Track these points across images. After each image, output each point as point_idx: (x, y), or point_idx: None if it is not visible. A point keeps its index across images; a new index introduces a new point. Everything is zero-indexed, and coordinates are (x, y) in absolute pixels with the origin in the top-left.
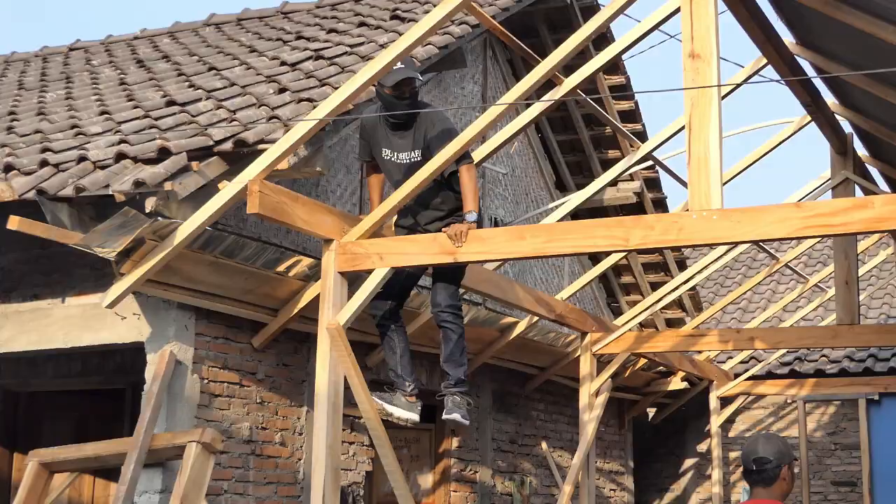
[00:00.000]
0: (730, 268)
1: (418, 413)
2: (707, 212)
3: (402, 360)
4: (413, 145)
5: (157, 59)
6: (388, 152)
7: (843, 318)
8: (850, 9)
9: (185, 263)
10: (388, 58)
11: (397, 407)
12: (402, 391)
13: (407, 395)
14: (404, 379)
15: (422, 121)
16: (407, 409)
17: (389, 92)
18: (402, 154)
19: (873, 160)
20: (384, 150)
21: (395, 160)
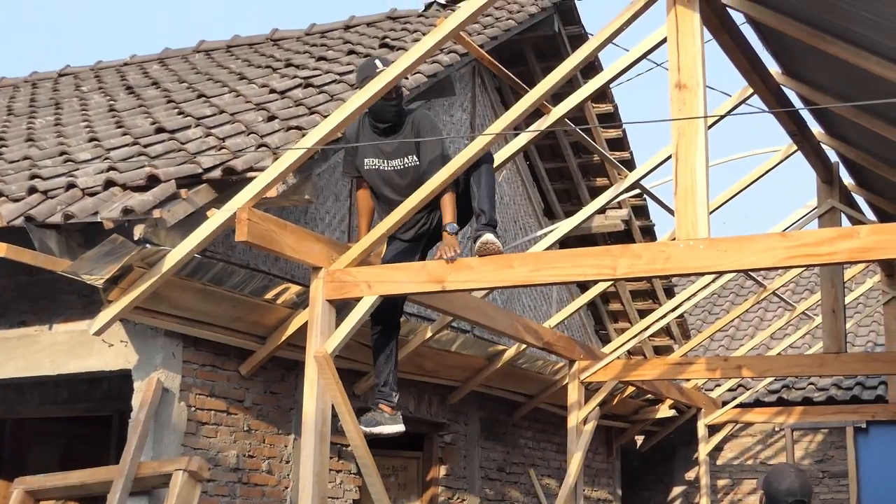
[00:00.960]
0: (718, 295)
1: (401, 421)
2: (694, 241)
3: (395, 371)
4: (406, 149)
5: (147, 85)
6: (375, 162)
7: (830, 347)
8: (833, 40)
9: (172, 291)
10: (377, 86)
11: (384, 425)
12: (388, 402)
13: (390, 408)
14: (392, 389)
15: (413, 122)
16: (392, 422)
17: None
18: (392, 161)
19: (859, 189)
20: (370, 160)
21: (384, 168)
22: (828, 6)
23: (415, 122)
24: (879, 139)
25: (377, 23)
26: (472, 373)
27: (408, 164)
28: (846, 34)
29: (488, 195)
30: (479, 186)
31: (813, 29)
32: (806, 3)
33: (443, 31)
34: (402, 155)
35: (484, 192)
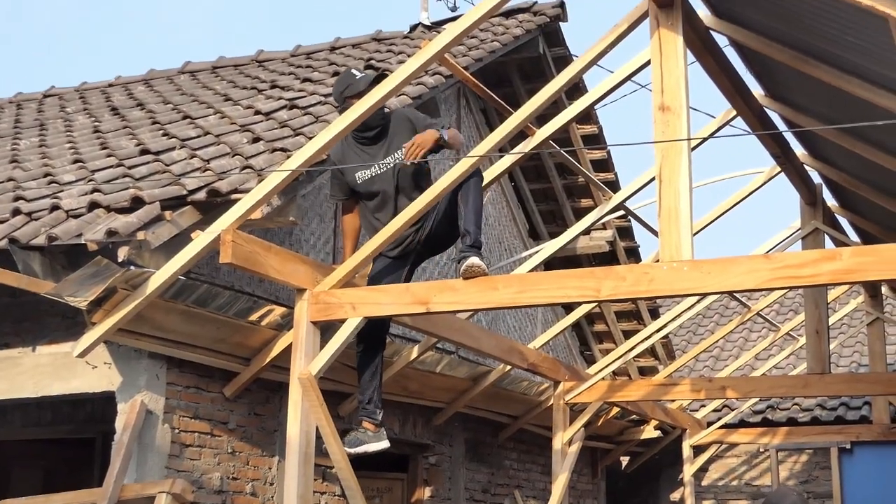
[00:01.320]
0: (702, 316)
1: (386, 437)
2: (678, 263)
3: (380, 388)
4: (387, 149)
5: (132, 106)
6: (367, 172)
7: (814, 368)
8: (817, 63)
9: (156, 312)
10: (361, 108)
11: (368, 443)
12: (371, 419)
13: (373, 425)
14: (376, 407)
15: (396, 121)
16: (376, 439)
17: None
18: (386, 159)
19: (843, 210)
20: (362, 173)
21: (376, 175)
22: (811, 30)
23: (398, 117)
24: (862, 161)
25: (362, 44)
26: (457, 394)
27: (396, 160)
28: (830, 58)
29: (475, 215)
30: (467, 205)
31: (796, 52)
32: (789, 26)
33: (427, 54)
34: (393, 151)
35: (471, 211)
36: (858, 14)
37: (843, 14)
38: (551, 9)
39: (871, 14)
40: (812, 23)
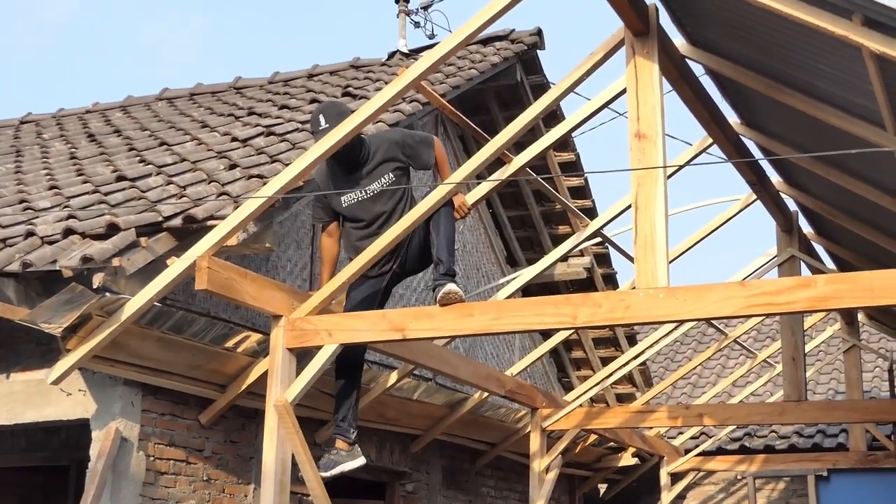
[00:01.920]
0: (680, 342)
1: (361, 454)
2: (654, 290)
3: (356, 407)
4: (379, 173)
5: (109, 133)
6: (351, 198)
7: (791, 395)
8: (792, 91)
9: (132, 339)
10: (338, 135)
11: (343, 463)
12: (345, 438)
13: (347, 443)
14: (350, 425)
15: (381, 144)
16: (350, 458)
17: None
18: (372, 185)
19: (819, 238)
20: (346, 198)
21: (360, 199)
22: (786, 59)
23: (383, 140)
24: (837, 189)
25: (340, 71)
26: (434, 421)
27: (382, 183)
28: (804, 86)
29: (447, 244)
30: (438, 234)
31: (771, 81)
32: (764, 55)
33: (404, 81)
34: (378, 177)
35: (443, 239)
36: (832, 43)
37: (817, 43)
38: (529, 37)
39: (844, 43)
40: (786, 52)
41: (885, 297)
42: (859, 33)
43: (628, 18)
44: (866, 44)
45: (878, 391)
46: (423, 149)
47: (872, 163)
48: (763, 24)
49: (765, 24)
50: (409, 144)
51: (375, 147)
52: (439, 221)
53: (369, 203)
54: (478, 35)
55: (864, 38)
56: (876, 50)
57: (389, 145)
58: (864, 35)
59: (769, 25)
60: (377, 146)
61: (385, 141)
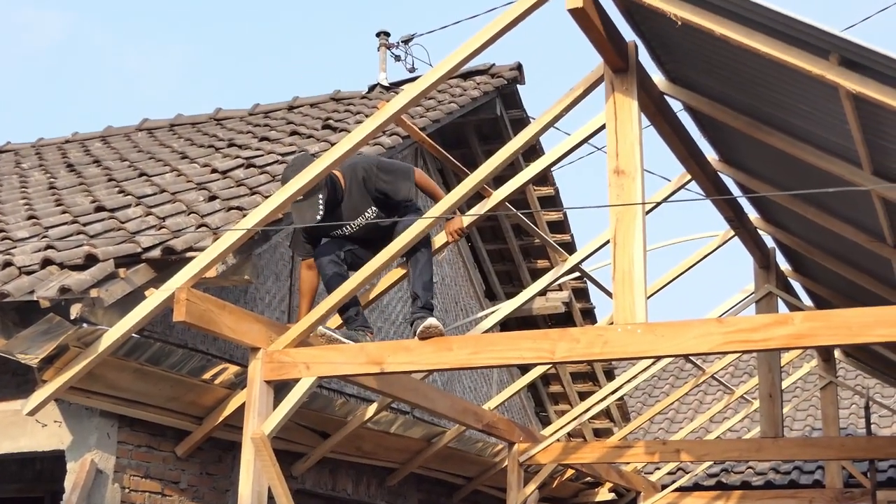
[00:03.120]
0: (658, 378)
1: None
2: (632, 325)
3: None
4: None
5: (88, 163)
6: (340, 231)
7: (767, 431)
8: (770, 129)
9: (108, 371)
10: (319, 167)
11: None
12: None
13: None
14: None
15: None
16: None
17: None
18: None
19: (796, 274)
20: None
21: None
22: (763, 97)
23: (357, 174)
24: (814, 226)
25: (321, 104)
26: (412, 455)
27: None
28: (782, 124)
29: (423, 280)
30: (416, 271)
31: (749, 118)
32: (742, 93)
33: (384, 115)
34: (363, 210)
35: (419, 276)
36: (809, 82)
37: (794, 82)
38: (509, 71)
39: (821, 83)
40: (764, 90)
41: (861, 335)
42: (836, 73)
43: (608, 55)
44: (843, 83)
45: (855, 428)
46: (402, 182)
47: (849, 201)
48: (741, 63)
49: (743, 62)
50: (383, 179)
51: (349, 180)
52: (418, 260)
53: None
54: (458, 69)
55: (840, 78)
56: (852, 89)
57: (359, 185)
58: (841, 75)
59: (747, 64)
60: (350, 180)
61: (356, 176)
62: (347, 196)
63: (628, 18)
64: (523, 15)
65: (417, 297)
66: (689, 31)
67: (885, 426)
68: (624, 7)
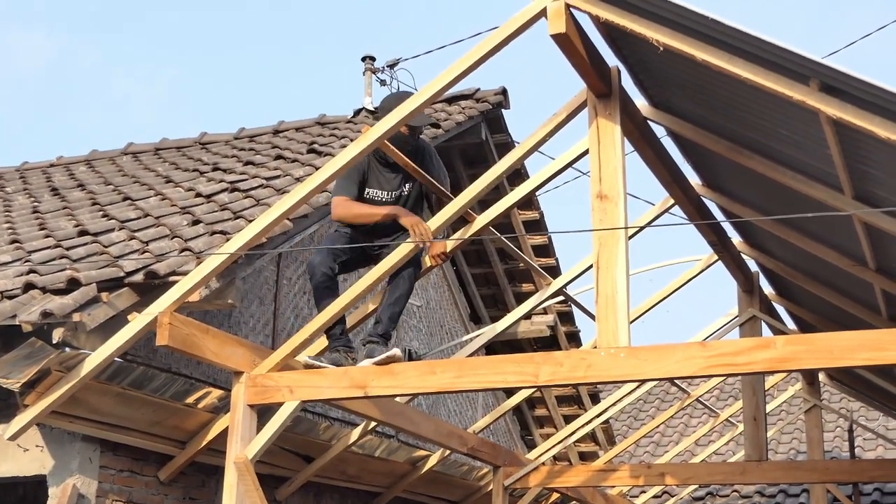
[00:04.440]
0: (643, 401)
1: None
2: (615, 349)
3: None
4: (402, 181)
5: (73, 187)
6: (376, 193)
7: (752, 455)
8: (752, 154)
9: (91, 395)
10: (302, 192)
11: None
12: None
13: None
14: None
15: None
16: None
17: (405, 130)
18: (387, 192)
19: (779, 298)
20: (372, 191)
21: (379, 199)
22: (745, 122)
23: (421, 150)
24: (797, 251)
25: (306, 128)
26: (396, 478)
27: (403, 194)
28: (764, 149)
29: (394, 311)
30: (392, 296)
31: (731, 143)
32: (724, 118)
33: (368, 139)
34: (400, 186)
35: (392, 305)
36: (790, 108)
37: (776, 107)
38: (494, 96)
39: (802, 108)
40: (746, 115)
41: (843, 358)
42: (816, 98)
43: (591, 80)
44: (823, 109)
45: (840, 451)
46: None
47: (831, 226)
48: (723, 88)
49: (725, 87)
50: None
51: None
52: (398, 284)
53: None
54: (443, 94)
55: (820, 104)
56: (833, 115)
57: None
58: (821, 100)
59: (729, 89)
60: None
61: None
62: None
63: (611, 44)
64: (507, 40)
65: (380, 322)
66: (670, 56)
67: (870, 449)
68: (606, 33)
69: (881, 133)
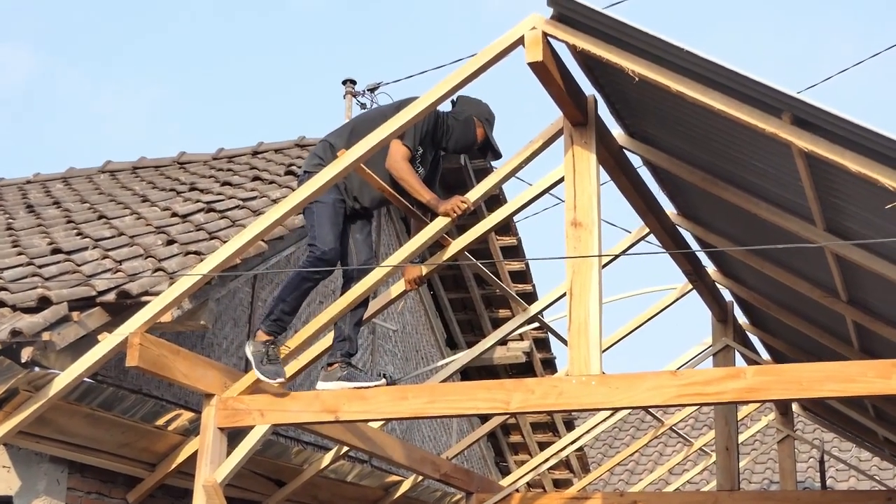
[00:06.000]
0: (618, 429)
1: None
2: (586, 377)
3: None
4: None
5: (48, 205)
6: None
7: (724, 485)
8: (726, 185)
9: (59, 415)
10: (277, 213)
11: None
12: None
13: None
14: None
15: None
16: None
17: (482, 138)
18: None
19: (753, 328)
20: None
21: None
22: (720, 153)
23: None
24: (771, 281)
25: (285, 149)
26: None
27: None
28: (738, 180)
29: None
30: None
31: (706, 174)
32: (699, 149)
33: (344, 163)
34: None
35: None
36: (763, 140)
37: (749, 139)
38: None
39: (775, 141)
40: (721, 147)
41: (811, 389)
42: (788, 131)
43: (567, 109)
44: (795, 142)
45: (813, 482)
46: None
47: (803, 257)
48: (698, 119)
49: (700, 118)
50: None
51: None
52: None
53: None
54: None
55: (793, 137)
56: (805, 148)
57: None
58: (794, 133)
59: (704, 120)
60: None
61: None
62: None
63: (588, 73)
64: (485, 67)
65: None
66: (646, 86)
67: (843, 480)
68: (583, 62)
69: (852, 167)
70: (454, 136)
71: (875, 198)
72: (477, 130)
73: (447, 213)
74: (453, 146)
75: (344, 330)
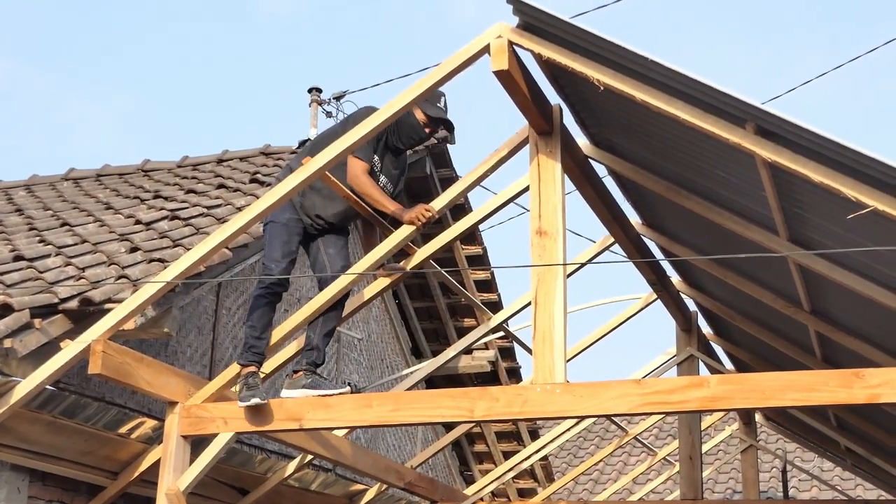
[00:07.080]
0: (583, 438)
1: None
2: (551, 385)
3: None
4: (396, 178)
5: (10, 212)
6: (377, 171)
7: (687, 494)
8: (690, 195)
9: (21, 423)
10: (241, 221)
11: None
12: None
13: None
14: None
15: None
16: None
17: (425, 120)
18: (386, 179)
19: (717, 338)
20: (376, 164)
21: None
22: (684, 163)
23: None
24: (735, 291)
25: (250, 157)
26: None
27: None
28: (702, 190)
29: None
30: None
31: (670, 183)
32: (663, 158)
33: (308, 171)
34: (390, 180)
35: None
36: (727, 150)
37: (713, 149)
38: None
39: (739, 151)
40: (685, 156)
41: (774, 398)
42: (752, 141)
43: (532, 117)
44: (759, 152)
45: (775, 492)
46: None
47: (767, 267)
48: (662, 128)
49: (664, 128)
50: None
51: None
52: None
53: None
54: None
55: (756, 147)
56: (768, 158)
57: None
58: (757, 143)
59: (668, 130)
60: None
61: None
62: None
63: (553, 82)
64: (450, 75)
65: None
66: (611, 96)
67: (805, 490)
68: (549, 71)
69: (814, 177)
70: (400, 131)
71: (837, 208)
72: (417, 115)
73: (412, 222)
74: (406, 141)
75: (313, 339)
